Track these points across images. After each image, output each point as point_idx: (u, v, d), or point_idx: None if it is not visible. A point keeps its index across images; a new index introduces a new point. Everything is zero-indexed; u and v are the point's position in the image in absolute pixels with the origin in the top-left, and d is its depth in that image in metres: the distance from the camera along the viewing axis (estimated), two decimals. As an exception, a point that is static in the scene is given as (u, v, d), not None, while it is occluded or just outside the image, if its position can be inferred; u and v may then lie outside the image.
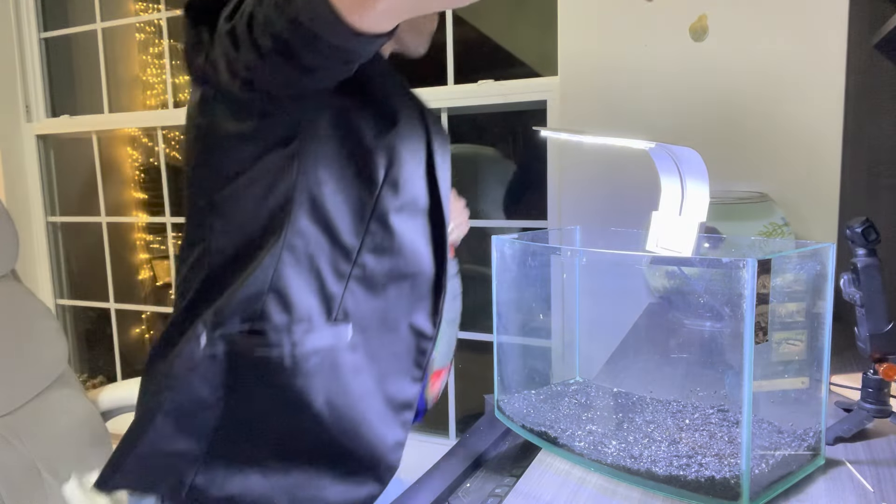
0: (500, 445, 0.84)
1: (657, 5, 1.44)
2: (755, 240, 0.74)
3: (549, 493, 0.66)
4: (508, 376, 0.85)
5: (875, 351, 0.69)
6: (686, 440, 0.70)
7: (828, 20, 1.30)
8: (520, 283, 0.84)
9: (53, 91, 2.55)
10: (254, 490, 0.76)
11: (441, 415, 1.99)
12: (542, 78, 1.70)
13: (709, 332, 0.94)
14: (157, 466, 0.75)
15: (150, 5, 2.36)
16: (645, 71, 1.47)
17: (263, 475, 0.76)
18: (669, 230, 0.76)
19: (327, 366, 0.74)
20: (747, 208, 1.23)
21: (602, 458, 0.69)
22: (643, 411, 0.80)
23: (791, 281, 0.70)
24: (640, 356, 1.00)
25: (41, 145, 2.54)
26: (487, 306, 0.83)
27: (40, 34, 2.49)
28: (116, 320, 2.59)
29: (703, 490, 0.61)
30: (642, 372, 0.97)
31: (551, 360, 0.94)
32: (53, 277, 2.60)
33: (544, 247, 0.80)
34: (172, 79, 2.32)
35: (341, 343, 0.74)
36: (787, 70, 1.35)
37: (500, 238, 0.82)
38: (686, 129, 1.44)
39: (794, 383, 0.72)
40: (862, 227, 0.68)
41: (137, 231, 2.65)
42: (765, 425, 0.70)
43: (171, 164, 2.39)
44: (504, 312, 0.84)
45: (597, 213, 1.53)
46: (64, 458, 1.25)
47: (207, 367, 0.73)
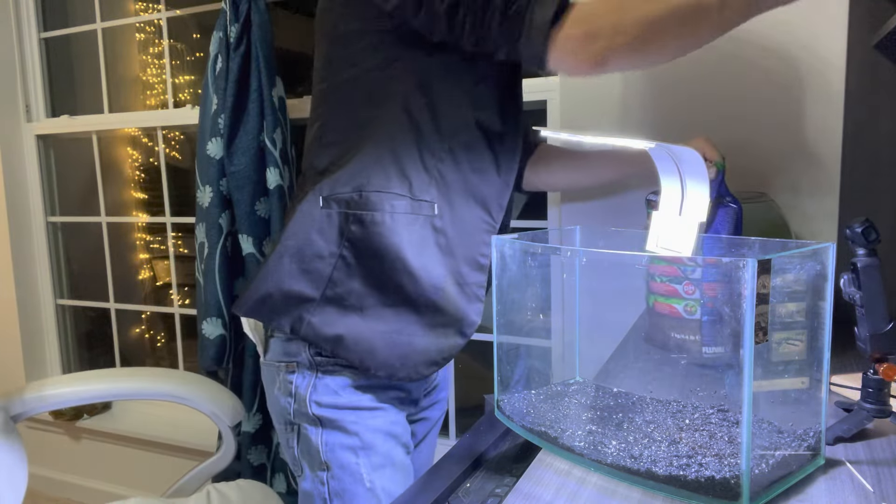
0: (500, 445, 0.84)
1: (657, 5, 1.44)
2: (755, 240, 0.74)
3: (549, 493, 0.66)
4: (508, 376, 0.85)
5: (875, 351, 0.69)
6: (686, 440, 0.70)
7: (828, 20, 1.30)
8: (520, 283, 0.84)
9: (53, 91, 2.55)
10: (358, 332, 0.90)
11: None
12: (542, 78, 1.70)
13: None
14: (281, 302, 0.92)
15: (150, 5, 2.36)
16: (645, 71, 1.47)
17: (365, 320, 0.91)
18: (669, 230, 0.76)
19: (417, 229, 0.89)
20: (747, 208, 1.23)
21: (602, 458, 0.69)
22: (643, 411, 0.80)
23: (791, 281, 0.70)
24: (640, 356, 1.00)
25: (41, 145, 2.54)
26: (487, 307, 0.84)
27: (40, 34, 2.49)
28: (116, 320, 2.59)
29: (703, 490, 0.61)
30: (642, 372, 0.97)
31: (551, 360, 0.95)
32: (53, 277, 2.60)
33: (544, 247, 0.80)
34: (172, 79, 2.32)
35: (430, 211, 0.90)
36: (787, 70, 1.35)
37: (500, 238, 0.82)
38: (686, 129, 1.44)
39: (794, 383, 0.72)
40: (862, 227, 0.68)
41: (137, 231, 2.65)
42: (765, 425, 0.70)
43: (171, 164, 2.39)
44: (504, 312, 0.83)
45: (597, 213, 1.53)
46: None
47: (323, 223, 0.91)
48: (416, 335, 0.91)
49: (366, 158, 0.89)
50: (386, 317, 0.91)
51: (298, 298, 0.92)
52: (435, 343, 0.92)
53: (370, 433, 0.95)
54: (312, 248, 0.91)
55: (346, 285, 0.91)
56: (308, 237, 0.92)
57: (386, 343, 0.91)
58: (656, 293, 0.95)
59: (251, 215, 1.90)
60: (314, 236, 0.91)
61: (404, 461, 0.99)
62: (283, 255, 0.92)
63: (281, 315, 0.93)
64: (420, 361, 0.92)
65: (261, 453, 2.02)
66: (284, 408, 0.97)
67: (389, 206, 0.88)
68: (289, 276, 0.92)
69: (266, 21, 1.83)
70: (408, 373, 0.92)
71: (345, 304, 0.91)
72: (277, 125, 1.86)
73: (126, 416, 2.53)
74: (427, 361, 0.92)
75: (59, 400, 1.32)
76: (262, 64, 1.83)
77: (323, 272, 0.91)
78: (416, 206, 0.89)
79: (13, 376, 2.57)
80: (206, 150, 1.93)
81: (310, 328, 0.91)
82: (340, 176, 0.91)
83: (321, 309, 0.91)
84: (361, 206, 0.89)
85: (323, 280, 0.91)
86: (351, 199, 0.90)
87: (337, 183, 0.91)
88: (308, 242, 0.91)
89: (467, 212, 0.93)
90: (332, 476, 0.95)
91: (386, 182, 0.89)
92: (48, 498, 2.63)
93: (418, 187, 0.90)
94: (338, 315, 0.91)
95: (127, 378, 1.41)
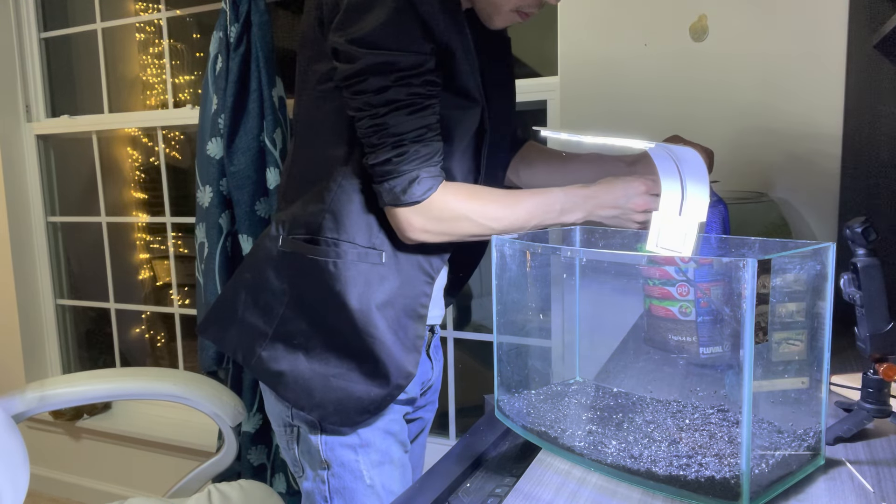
0: (500, 445, 0.84)
1: (657, 5, 1.44)
2: (755, 240, 0.74)
3: (549, 493, 0.66)
4: (508, 376, 0.85)
5: (875, 351, 0.69)
6: (686, 440, 0.70)
7: (828, 20, 1.30)
8: (520, 283, 0.84)
9: (53, 91, 2.55)
10: (299, 371, 0.92)
11: (441, 415, 1.99)
12: (542, 78, 1.70)
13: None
14: (237, 333, 0.96)
15: (150, 5, 2.36)
16: (645, 71, 1.47)
17: (309, 361, 0.93)
18: (669, 230, 0.76)
19: (362, 277, 0.90)
20: (747, 208, 1.23)
21: (602, 458, 0.69)
22: (643, 411, 0.80)
23: (791, 281, 0.70)
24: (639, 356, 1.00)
25: (41, 145, 2.54)
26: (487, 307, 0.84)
27: (40, 34, 2.49)
28: (116, 320, 2.59)
29: (703, 490, 0.61)
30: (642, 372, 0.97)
31: (551, 360, 0.94)
32: (53, 277, 2.60)
33: (544, 247, 0.80)
34: (172, 79, 2.32)
35: (377, 259, 0.91)
36: (787, 70, 1.35)
37: (500, 238, 0.82)
38: (685, 130, 1.44)
39: (794, 383, 0.72)
40: (862, 227, 0.68)
41: (137, 231, 2.65)
42: (765, 425, 0.70)
43: (171, 164, 2.39)
44: (504, 312, 0.83)
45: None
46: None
47: (279, 261, 0.94)
48: (354, 381, 0.92)
49: (321, 203, 0.91)
50: (329, 360, 0.92)
51: (253, 331, 0.95)
52: (370, 391, 0.92)
53: (368, 431, 0.95)
54: (267, 285, 0.94)
55: (295, 324, 0.93)
56: (264, 273, 0.95)
57: (323, 386, 0.92)
58: (651, 296, 0.95)
59: (251, 215, 1.90)
60: (269, 273, 0.94)
61: (402, 458, 0.99)
62: (239, 288, 0.97)
63: (237, 345, 0.97)
64: (353, 408, 0.92)
65: (261, 453, 2.02)
66: (283, 411, 0.97)
67: (335, 253, 0.90)
68: (245, 307, 0.96)
69: (266, 21, 1.83)
70: (340, 418, 0.92)
71: (293, 342, 0.93)
72: (277, 125, 1.86)
73: (126, 416, 2.53)
74: (360, 409, 0.92)
75: (59, 400, 1.32)
76: (262, 64, 1.83)
77: (275, 309, 0.94)
78: (363, 254, 0.90)
79: (13, 376, 2.57)
80: (206, 150, 1.93)
81: (259, 362, 0.94)
82: (299, 217, 0.93)
83: (272, 345, 0.94)
84: (312, 251, 0.91)
85: (275, 316, 0.94)
86: (304, 242, 0.92)
87: (295, 224, 0.93)
88: (263, 278, 0.95)
89: (410, 262, 0.94)
90: (332, 474, 0.95)
91: (337, 229, 0.90)
92: (48, 498, 2.63)
93: (367, 234, 0.91)
94: (285, 352, 0.93)
95: (127, 378, 1.41)
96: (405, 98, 0.82)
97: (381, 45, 0.80)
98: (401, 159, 0.83)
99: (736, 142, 1.40)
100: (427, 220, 0.86)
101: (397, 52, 0.80)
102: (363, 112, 0.83)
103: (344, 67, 0.83)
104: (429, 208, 0.85)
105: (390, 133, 0.82)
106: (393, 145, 0.83)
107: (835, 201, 1.33)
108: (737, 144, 1.40)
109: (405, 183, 0.83)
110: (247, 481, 1.45)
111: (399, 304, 0.93)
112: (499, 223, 0.88)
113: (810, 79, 1.33)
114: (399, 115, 0.82)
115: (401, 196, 0.84)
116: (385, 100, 0.81)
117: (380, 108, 0.82)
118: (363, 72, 0.81)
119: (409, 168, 0.83)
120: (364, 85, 0.81)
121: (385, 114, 0.82)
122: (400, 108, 0.82)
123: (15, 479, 1.17)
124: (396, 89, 0.81)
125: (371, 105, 0.82)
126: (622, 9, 1.47)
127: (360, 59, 0.81)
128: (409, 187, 0.84)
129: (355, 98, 0.83)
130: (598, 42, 1.51)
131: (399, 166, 0.83)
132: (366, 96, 0.82)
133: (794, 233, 1.35)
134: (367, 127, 0.83)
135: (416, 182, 0.84)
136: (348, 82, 0.83)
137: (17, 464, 1.18)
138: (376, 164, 0.84)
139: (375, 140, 0.83)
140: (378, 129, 0.83)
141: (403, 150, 0.83)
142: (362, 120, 0.84)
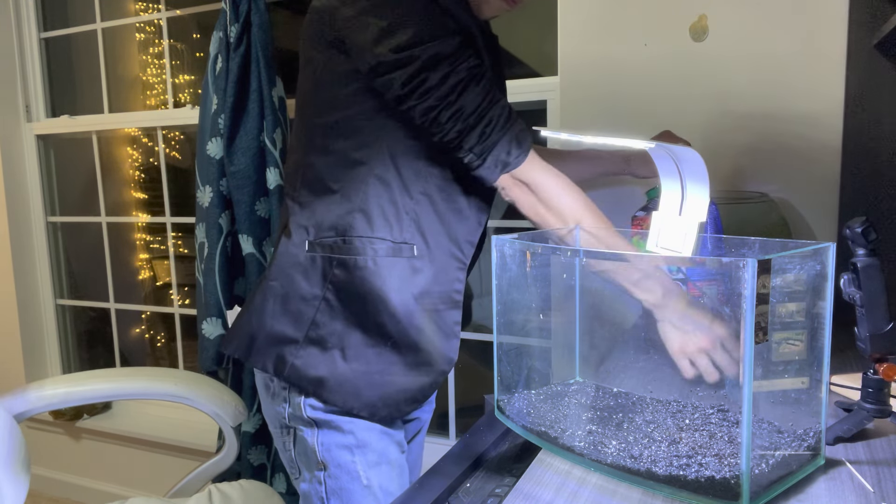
0: (500, 445, 0.84)
1: (657, 5, 1.44)
2: (755, 240, 0.74)
3: (549, 493, 0.66)
4: (508, 376, 0.85)
5: (875, 351, 0.69)
6: (686, 440, 0.70)
7: (828, 20, 1.30)
8: (520, 283, 0.84)
9: (53, 91, 2.55)
10: (341, 373, 0.92)
11: (441, 415, 1.99)
12: (542, 78, 1.70)
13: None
14: (265, 343, 0.94)
15: (150, 5, 2.36)
16: (645, 71, 1.47)
17: (347, 361, 0.92)
18: (669, 230, 0.76)
19: (398, 271, 0.91)
20: (747, 208, 1.23)
21: (602, 458, 0.69)
22: (643, 411, 0.80)
23: (791, 281, 0.70)
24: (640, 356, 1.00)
25: (41, 145, 2.54)
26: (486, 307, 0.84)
27: (40, 34, 2.49)
28: (116, 320, 2.59)
29: (703, 490, 0.61)
30: (642, 372, 0.97)
31: (551, 360, 0.94)
32: (53, 277, 2.60)
33: (544, 247, 0.80)
34: (172, 79, 2.32)
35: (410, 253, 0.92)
36: (787, 70, 1.35)
37: (500, 238, 0.82)
38: (686, 129, 1.44)
39: (794, 383, 0.72)
40: (862, 227, 0.68)
41: (137, 231, 2.65)
42: (765, 425, 0.70)
43: (171, 164, 2.39)
44: (504, 312, 0.84)
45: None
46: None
47: (308, 266, 0.93)
48: (398, 374, 0.93)
49: (349, 204, 0.92)
50: (367, 357, 0.92)
51: (282, 339, 0.94)
52: (416, 381, 0.94)
53: (365, 431, 0.95)
54: (297, 291, 0.93)
55: (329, 327, 0.93)
56: (292, 280, 0.94)
57: (368, 384, 0.92)
58: None
59: (251, 215, 1.90)
60: (298, 279, 0.94)
61: (399, 458, 0.99)
62: (267, 296, 0.96)
63: (265, 356, 0.95)
64: (402, 400, 0.94)
65: (261, 453, 2.02)
66: (279, 412, 0.97)
67: (372, 251, 0.91)
68: (272, 317, 0.94)
69: (266, 21, 1.83)
70: (389, 412, 0.93)
71: (326, 345, 0.93)
72: (277, 125, 1.86)
73: (126, 416, 2.53)
74: (408, 399, 0.94)
75: (59, 400, 1.32)
76: (262, 64, 1.83)
77: (306, 314, 0.93)
78: (396, 249, 0.91)
79: (13, 376, 2.57)
80: (206, 150, 1.93)
81: (293, 370, 0.93)
82: (324, 220, 0.93)
83: (304, 350, 0.93)
84: (345, 251, 0.91)
85: (306, 322, 0.93)
86: (335, 243, 0.92)
87: (321, 228, 0.93)
88: (292, 285, 0.94)
89: (442, 251, 0.95)
90: (329, 475, 0.95)
91: (368, 227, 0.91)
92: (48, 498, 2.63)
93: (398, 230, 0.92)
94: (320, 356, 0.92)
95: (127, 378, 1.41)
96: (466, 75, 0.85)
97: (424, 40, 0.83)
98: (490, 129, 0.85)
99: (736, 142, 1.40)
100: (536, 173, 0.88)
101: (440, 42, 0.84)
102: (437, 108, 0.85)
103: (398, 74, 0.84)
104: (531, 166, 0.88)
105: (468, 112, 0.85)
106: (476, 121, 0.85)
107: (835, 201, 1.33)
108: (737, 144, 1.40)
109: (505, 146, 0.86)
110: (247, 481, 1.45)
111: (435, 293, 0.94)
112: (571, 222, 0.89)
113: (810, 79, 1.33)
114: (469, 93, 0.85)
115: (507, 160, 0.86)
116: (452, 85, 0.84)
117: (451, 97, 0.84)
118: (420, 70, 0.83)
119: (501, 134, 0.86)
120: (428, 82, 0.84)
121: (457, 98, 0.84)
122: (467, 86, 0.85)
123: (15, 479, 1.17)
124: (456, 70, 0.84)
125: (442, 97, 0.84)
126: (622, 9, 1.47)
127: (412, 61, 0.83)
128: (510, 148, 0.86)
129: (424, 100, 0.85)
130: (598, 42, 1.51)
131: (492, 136, 0.86)
132: (434, 92, 0.84)
133: (794, 233, 1.35)
134: (446, 120, 0.85)
135: (515, 142, 0.86)
136: (409, 87, 0.84)
137: (17, 463, 1.18)
138: (472, 147, 0.86)
139: (460, 126, 0.85)
140: (457, 115, 0.85)
141: (487, 119, 0.85)
142: (439, 116, 0.85)
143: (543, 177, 0.88)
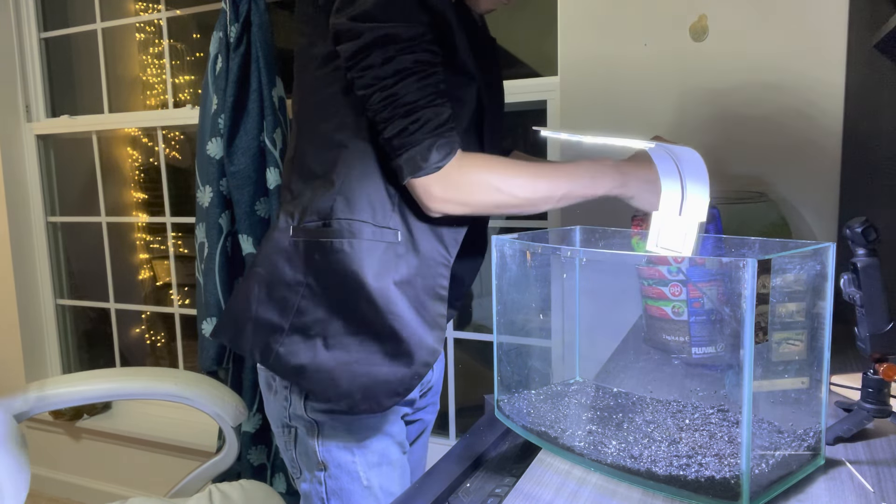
0: (500, 445, 0.84)
1: (657, 5, 1.44)
2: (755, 240, 0.74)
3: (549, 493, 0.66)
4: (508, 376, 0.85)
5: (875, 351, 0.69)
6: (686, 440, 0.70)
7: (828, 20, 1.30)
8: (520, 283, 0.84)
9: (53, 91, 2.55)
10: (320, 362, 0.90)
11: (441, 415, 1.99)
12: (542, 78, 1.70)
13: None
14: (252, 330, 0.94)
15: (150, 5, 2.36)
16: (645, 71, 1.47)
17: (328, 350, 0.91)
18: (669, 230, 0.76)
19: (378, 255, 0.89)
20: (747, 208, 1.23)
21: (602, 458, 0.69)
22: (643, 411, 0.80)
23: (791, 281, 0.70)
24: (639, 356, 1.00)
25: (41, 145, 2.54)
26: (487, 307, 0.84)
27: (40, 34, 2.49)
28: (116, 320, 2.59)
29: (703, 490, 0.61)
30: (642, 372, 0.97)
31: (551, 360, 0.94)
32: (53, 277, 2.60)
33: (544, 247, 0.80)
34: (172, 79, 2.32)
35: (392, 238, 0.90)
36: (787, 70, 1.35)
37: (500, 238, 0.82)
38: (686, 129, 1.44)
39: (794, 383, 0.72)
40: (862, 227, 0.68)
41: (137, 231, 2.65)
42: (765, 425, 0.70)
43: (171, 164, 2.39)
44: (504, 312, 0.84)
45: (596, 214, 1.53)
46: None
47: (291, 252, 0.92)
48: (377, 364, 0.90)
49: (332, 187, 0.90)
50: (348, 346, 0.90)
51: (269, 327, 0.92)
52: (396, 372, 0.90)
53: (365, 431, 0.95)
54: (281, 277, 0.92)
55: (313, 314, 0.91)
56: (276, 266, 0.93)
57: (348, 374, 0.90)
58: (647, 296, 0.95)
59: (251, 215, 1.90)
60: (282, 265, 0.92)
61: (400, 459, 0.99)
62: (252, 283, 0.95)
63: (252, 344, 0.94)
64: (381, 392, 0.90)
65: (261, 453, 2.02)
66: (281, 411, 0.97)
67: (350, 233, 0.88)
68: (258, 303, 0.93)
69: (266, 21, 1.83)
70: (369, 405, 0.90)
71: (310, 332, 0.91)
72: (277, 125, 1.86)
73: (126, 416, 2.53)
74: (389, 392, 0.91)
75: (59, 400, 1.32)
76: (262, 64, 1.83)
77: (291, 301, 0.92)
78: (378, 233, 0.89)
79: (13, 376, 2.57)
80: (206, 150, 1.93)
81: (276, 360, 0.92)
82: (309, 205, 0.92)
83: (288, 338, 0.91)
84: (326, 234, 0.89)
85: (291, 309, 0.92)
86: (317, 227, 0.91)
87: (305, 212, 0.92)
88: (276, 271, 0.93)
89: (427, 244, 0.93)
90: (329, 475, 0.95)
91: (349, 209, 0.89)
92: (48, 498, 2.63)
93: (382, 214, 0.90)
94: (302, 344, 0.91)
95: (127, 378, 1.41)
96: (411, 65, 0.82)
97: (382, 18, 0.81)
98: (416, 126, 0.83)
99: (736, 142, 1.40)
100: (448, 188, 0.84)
101: (398, 24, 0.82)
102: (372, 87, 0.83)
103: (348, 46, 0.83)
104: (448, 175, 0.84)
105: (401, 102, 0.83)
106: (405, 114, 0.83)
107: (835, 201, 1.33)
108: (737, 144, 1.40)
109: (423, 150, 0.83)
110: (248, 481, 1.45)
111: (418, 283, 0.92)
112: (522, 191, 0.86)
113: (810, 78, 1.33)
114: (408, 84, 0.82)
115: (421, 164, 0.83)
116: (392, 70, 0.82)
117: (388, 80, 0.82)
118: (367, 46, 0.82)
119: (424, 136, 0.83)
120: (370, 59, 0.82)
121: (394, 84, 0.82)
122: (407, 76, 0.82)
123: (15, 479, 1.17)
124: (401, 58, 0.82)
125: (379, 78, 0.82)
126: (622, 9, 1.47)
127: (363, 34, 0.82)
128: (427, 154, 0.83)
129: (363, 75, 0.83)
130: (598, 42, 1.51)
131: (415, 135, 0.83)
132: (373, 70, 0.82)
133: (794, 233, 1.35)
134: (378, 102, 0.83)
135: (434, 148, 0.83)
136: (354, 60, 0.83)
137: (17, 464, 1.18)
138: (392, 136, 0.84)
139: (388, 113, 0.83)
140: (389, 100, 0.83)
141: (416, 116, 0.83)
142: (373, 96, 0.84)
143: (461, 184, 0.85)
